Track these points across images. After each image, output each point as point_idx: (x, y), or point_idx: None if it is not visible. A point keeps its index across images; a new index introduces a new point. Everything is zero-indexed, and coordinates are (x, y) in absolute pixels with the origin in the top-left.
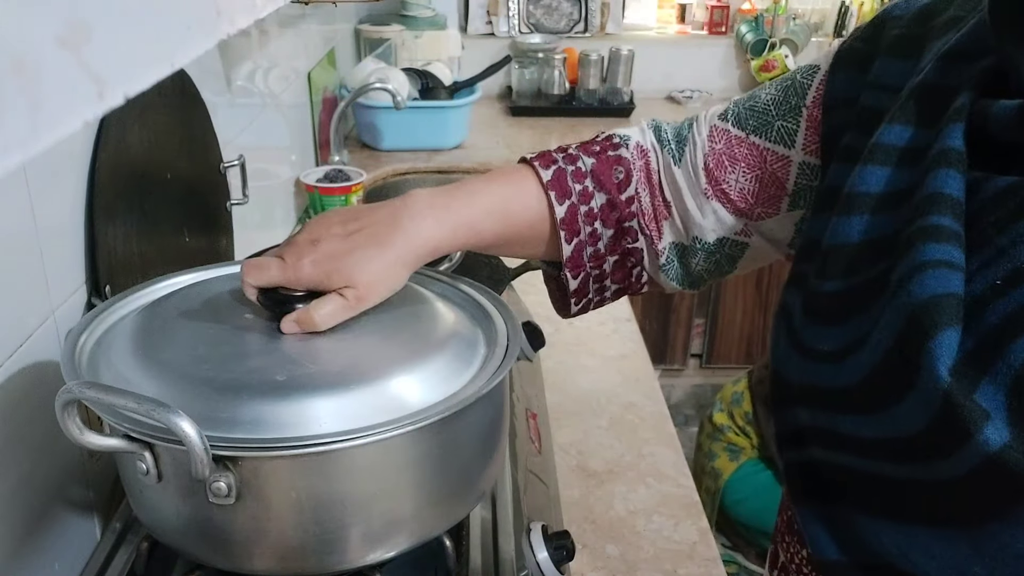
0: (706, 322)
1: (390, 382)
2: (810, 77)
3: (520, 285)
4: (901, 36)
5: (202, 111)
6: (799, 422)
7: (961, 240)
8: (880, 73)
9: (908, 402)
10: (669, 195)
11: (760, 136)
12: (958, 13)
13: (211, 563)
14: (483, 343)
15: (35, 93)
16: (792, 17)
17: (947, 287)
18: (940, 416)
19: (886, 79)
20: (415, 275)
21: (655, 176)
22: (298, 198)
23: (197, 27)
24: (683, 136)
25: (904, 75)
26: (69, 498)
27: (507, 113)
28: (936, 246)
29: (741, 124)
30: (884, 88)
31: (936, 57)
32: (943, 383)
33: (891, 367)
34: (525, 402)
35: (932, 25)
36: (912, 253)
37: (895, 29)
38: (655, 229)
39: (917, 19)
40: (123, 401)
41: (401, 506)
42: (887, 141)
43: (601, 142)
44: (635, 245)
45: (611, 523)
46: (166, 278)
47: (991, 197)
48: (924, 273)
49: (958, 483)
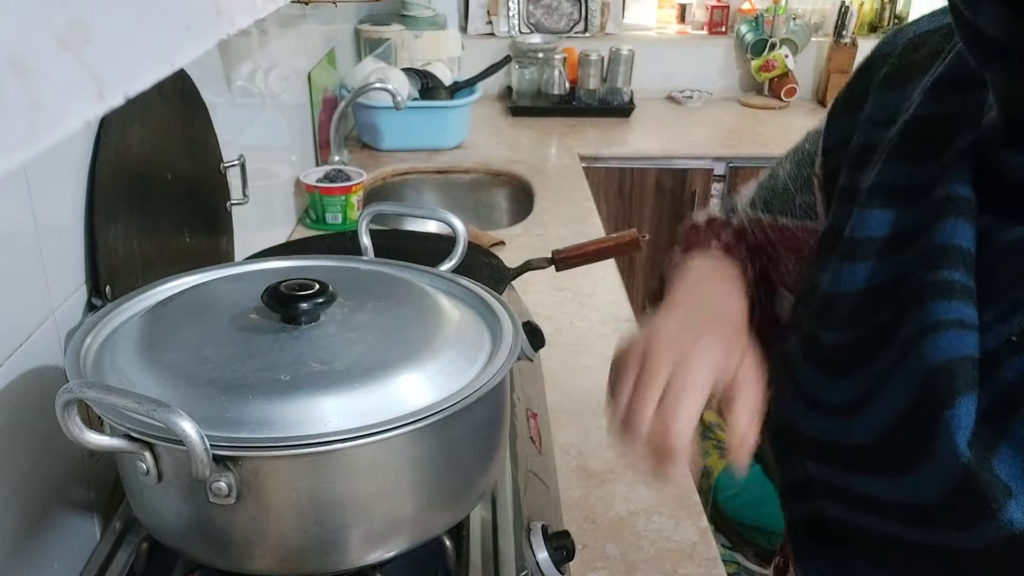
0: None
1: (396, 380)
2: (815, 143)
3: (520, 285)
4: (890, 71)
5: (202, 111)
6: (807, 474)
7: (973, 295)
8: (872, 109)
9: (925, 470)
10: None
11: (787, 216)
12: (940, 44)
13: (211, 563)
14: (488, 340)
15: (35, 93)
16: (792, 17)
17: (961, 350)
18: (959, 488)
19: (878, 114)
20: (416, 274)
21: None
22: (298, 198)
23: (197, 27)
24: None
25: (894, 107)
26: (69, 498)
27: (507, 113)
28: (947, 304)
29: (768, 208)
30: (876, 123)
31: (924, 88)
32: (962, 457)
33: (905, 431)
34: (525, 402)
35: (915, 58)
36: (922, 311)
37: (885, 66)
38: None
39: (903, 53)
40: (123, 401)
41: (401, 506)
42: (885, 181)
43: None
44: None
45: (611, 523)
46: (170, 279)
47: (1005, 247)
48: (936, 334)
49: (979, 553)
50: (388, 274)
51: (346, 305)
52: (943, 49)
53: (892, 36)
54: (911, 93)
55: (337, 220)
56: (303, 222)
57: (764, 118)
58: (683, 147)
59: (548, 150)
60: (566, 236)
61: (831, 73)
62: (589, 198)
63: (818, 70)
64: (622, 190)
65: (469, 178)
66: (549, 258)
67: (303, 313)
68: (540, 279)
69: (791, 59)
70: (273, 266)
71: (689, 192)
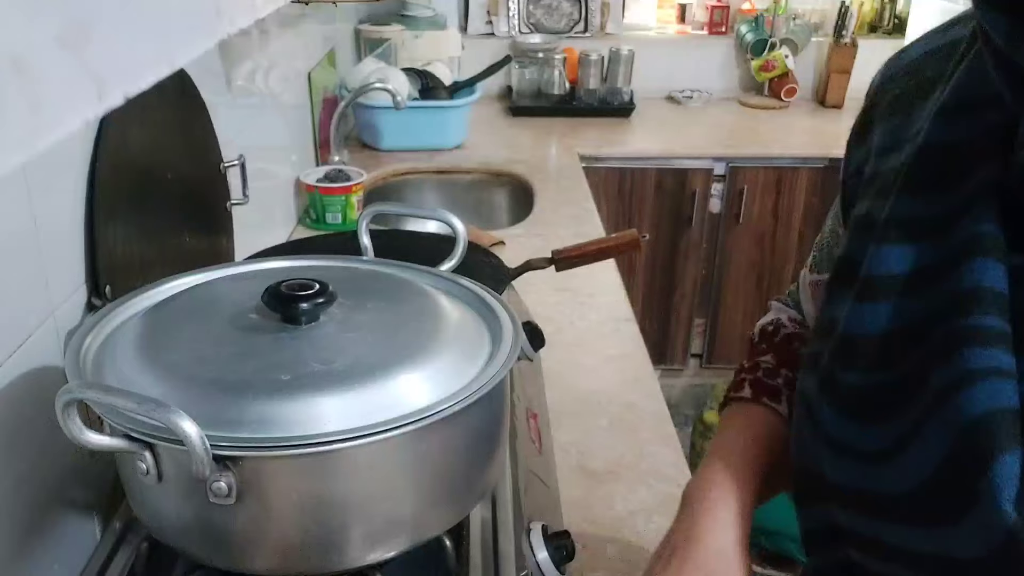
0: (706, 322)
1: (396, 380)
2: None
3: (520, 285)
4: (896, 96)
5: (202, 111)
6: (833, 521)
7: (1009, 341)
8: (879, 136)
9: (966, 526)
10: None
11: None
12: (941, 66)
13: (211, 563)
14: (488, 340)
15: (35, 93)
16: (792, 17)
17: (1000, 401)
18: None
19: (885, 140)
20: (416, 274)
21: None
22: (298, 198)
23: (197, 27)
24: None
25: (900, 133)
26: (69, 498)
27: (507, 113)
28: (982, 351)
29: (822, 269)
30: (884, 150)
31: (932, 114)
32: (1007, 518)
33: (944, 484)
34: (525, 402)
35: (916, 81)
36: (955, 359)
37: (890, 92)
38: None
39: (904, 76)
40: (123, 401)
41: (401, 506)
42: (900, 214)
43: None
44: None
45: (611, 523)
46: (169, 280)
47: None
48: (973, 386)
49: None
50: (388, 274)
51: (346, 305)
52: (944, 71)
53: (893, 60)
54: (916, 118)
55: (337, 220)
56: (303, 222)
57: (764, 118)
58: (683, 147)
59: (548, 150)
60: (566, 236)
61: (831, 73)
62: (589, 198)
63: (818, 70)
64: (622, 190)
65: (469, 178)
66: (549, 258)
67: (303, 313)
68: (540, 279)
69: (791, 59)
70: (273, 266)
71: (689, 192)
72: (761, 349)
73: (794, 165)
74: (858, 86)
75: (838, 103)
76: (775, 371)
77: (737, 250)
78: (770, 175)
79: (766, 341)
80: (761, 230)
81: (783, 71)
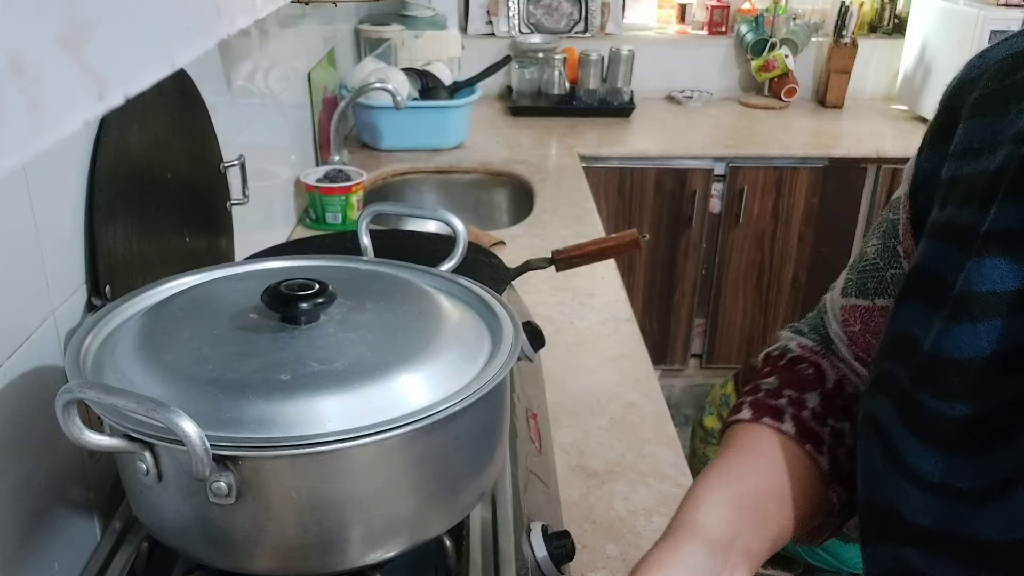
0: (706, 322)
1: (396, 380)
2: (897, 210)
3: (520, 285)
4: (982, 96)
5: (202, 111)
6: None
7: None
8: (963, 139)
9: None
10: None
11: (883, 296)
12: None
13: (211, 563)
14: (488, 340)
15: (35, 93)
16: (792, 17)
17: None
18: None
19: (969, 143)
20: (416, 274)
21: (839, 362)
22: (298, 198)
23: (197, 27)
24: (823, 332)
25: (990, 135)
26: (69, 498)
27: (507, 113)
28: None
29: (863, 292)
30: (968, 154)
31: None
32: None
33: None
34: (525, 402)
35: (1016, 79)
36: None
37: (975, 91)
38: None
39: (996, 75)
40: (123, 401)
41: (401, 506)
42: (1004, 226)
43: (764, 365)
44: None
45: (611, 523)
46: (169, 280)
47: None
48: None
49: None
50: (388, 274)
51: (346, 305)
52: None
53: (978, 58)
54: (1014, 118)
55: (337, 220)
56: (303, 222)
57: (764, 118)
58: (683, 147)
59: (548, 150)
60: (566, 236)
61: (831, 73)
62: (589, 198)
63: (818, 70)
64: (622, 190)
65: (469, 178)
66: (549, 258)
67: (303, 313)
68: (540, 279)
69: (791, 59)
70: (273, 266)
71: (689, 192)
72: (764, 372)
73: (794, 165)
74: (858, 86)
75: (838, 103)
76: (778, 391)
77: (737, 250)
78: (770, 175)
79: (769, 364)
80: (761, 230)
81: (783, 71)
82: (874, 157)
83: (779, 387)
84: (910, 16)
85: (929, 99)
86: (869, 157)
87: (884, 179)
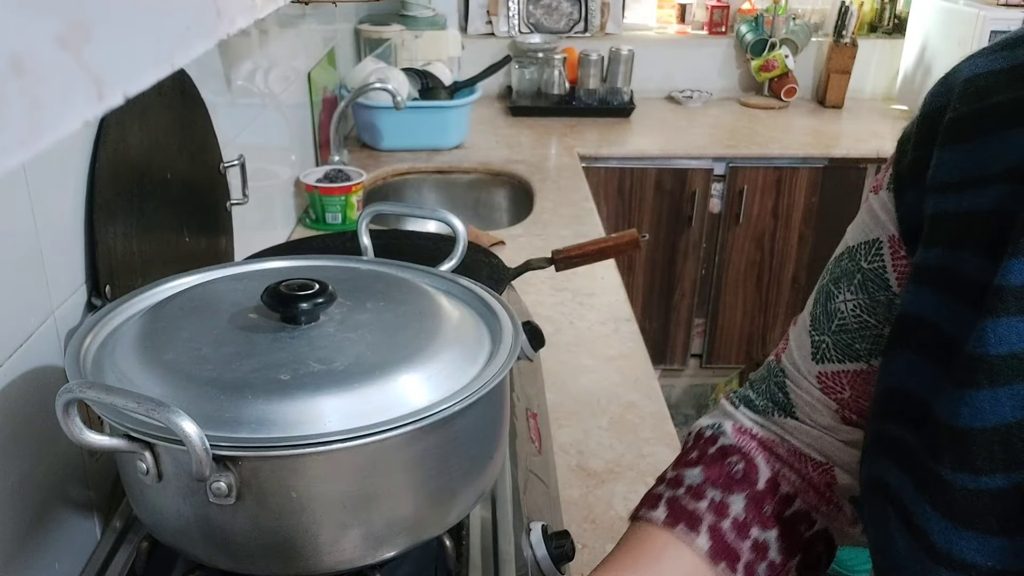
0: (706, 322)
1: (395, 380)
2: (879, 257)
3: (520, 285)
4: (953, 120)
5: (202, 111)
6: None
7: None
8: (938, 171)
9: None
10: (820, 456)
11: (879, 356)
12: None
13: (211, 563)
14: (488, 340)
15: (35, 93)
16: (792, 17)
17: None
18: None
19: (949, 175)
20: (416, 274)
21: (781, 449)
22: (298, 198)
23: (197, 27)
24: (781, 400)
25: (973, 166)
26: (69, 498)
27: (507, 113)
28: None
29: (851, 355)
30: (948, 188)
31: None
32: None
33: None
34: (525, 402)
35: (992, 104)
36: None
37: (944, 117)
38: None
39: (964, 97)
40: (123, 401)
41: (401, 506)
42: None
43: (693, 447)
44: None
45: (611, 523)
46: (169, 280)
47: None
48: None
49: None
50: (388, 274)
51: (346, 305)
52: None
53: (942, 83)
54: (991, 150)
55: (337, 220)
56: (303, 222)
57: (764, 118)
58: (683, 147)
59: (548, 150)
60: (566, 236)
61: (831, 73)
62: (589, 198)
63: (818, 70)
64: (622, 190)
65: (469, 178)
66: (549, 258)
67: (303, 313)
68: (540, 279)
69: (791, 59)
70: (273, 266)
71: (689, 192)
72: (690, 460)
73: (794, 165)
74: (858, 86)
75: (838, 103)
76: (700, 490)
77: (737, 250)
78: (770, 175)
79: (698, 450)
80: (761, 230)
81: (783, 71)
82: (874, 157)
83: (702, 484)
84: (910, 16)
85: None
86: (869, 157)
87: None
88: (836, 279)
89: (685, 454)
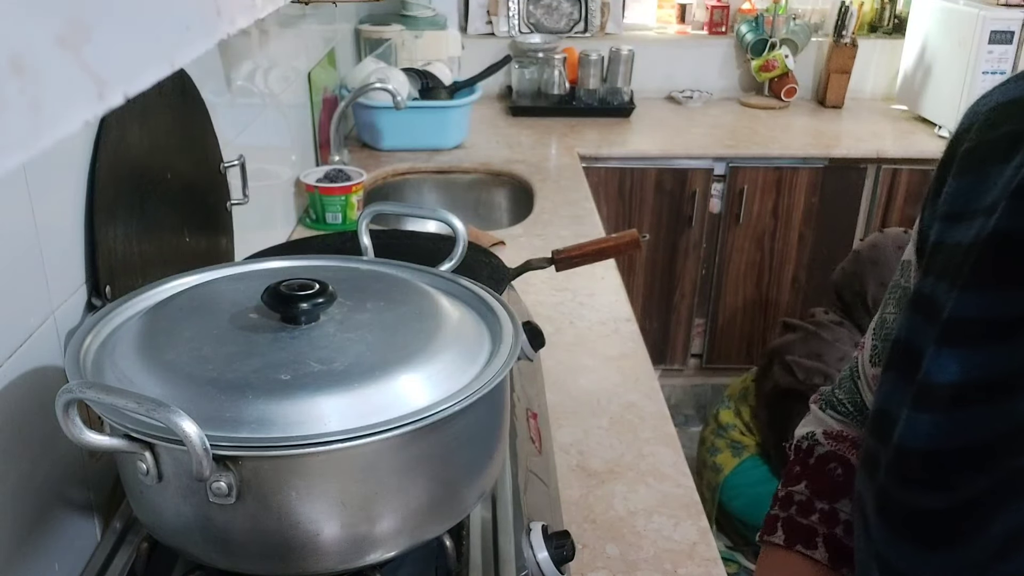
0: (706, 322)
1: (395, 380)
2: (908, 275)
3: (520, 285)
4: (967, 151)
5: (202, 111)
6: None
7: None
8: (946, 201)
9: None
10: None
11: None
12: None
13: (211, 563)
14: (488, 340)
15: (35, 93)
16: (792, 17)
17: None
18: None
19: (953, 206)
20: (416, 274)
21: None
22: (298, 198)
23: (197, 27)
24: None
25: (971, 199)
26: (69, 498)
27: (507, 113)
28: None
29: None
30: (950, 217)
31: (1010, 190)
32: None
33: None
34: (525, 402)
35: (992, 136)
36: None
37: (964, 144)
38: None
39: (983, 127)
40: (123, 401)
41: (401, 506)
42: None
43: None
44: None
45: (611, 523)
46: (170, 279)
47: None
48: None
49: None
50: (388, 274)
51: (346, 305)
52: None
53: (975, 105)
54: (991, 184)
55: (337, 220)
56: (303, 222)
57: (764, 118)
58: (683, 147)
59: (548, 150)
60: (566, 236)
61: (831, 73)
62: (589, 198)
63: (818, 70)
64: (622, 190)
65: (469, 178)
66: (549, 258)
67: (303, 313)
68: (540, 279)
69: (791, 59)
70: (273, 266)
71: (689, 192)
72: (795, 474)
73: (794, 165)
74: (858, 86)
75: (838, 103)
76: (809, 505)
77: (737, 250)
78: (770, 175)
79: (800, 463)
80: (761, 230)
81: (783, 71)
82: (874, 157)
83: (810, 499)
84: (910, 16)
85: (929, 99)
86: (869, 157)
87: (884, 179)
88: (891, 288)
89: (789, 469)
